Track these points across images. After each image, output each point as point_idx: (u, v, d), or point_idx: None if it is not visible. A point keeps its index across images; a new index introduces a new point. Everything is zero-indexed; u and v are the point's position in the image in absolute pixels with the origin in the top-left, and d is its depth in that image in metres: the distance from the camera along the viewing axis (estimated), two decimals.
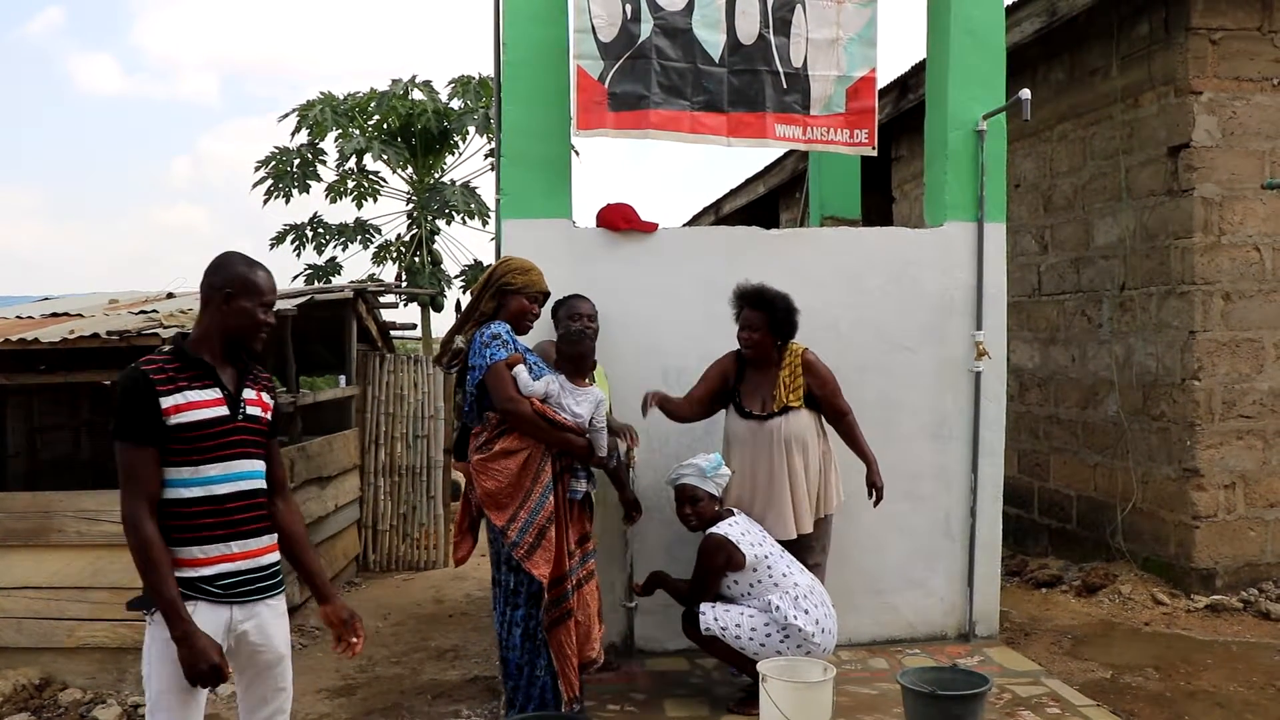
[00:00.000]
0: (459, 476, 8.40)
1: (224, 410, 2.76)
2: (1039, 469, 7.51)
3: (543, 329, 4.53)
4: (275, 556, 2.90)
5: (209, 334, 2.81)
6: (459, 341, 4.02)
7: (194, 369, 2.75)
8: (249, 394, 2.86)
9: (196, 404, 2.70)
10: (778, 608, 4.18)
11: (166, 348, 2.81)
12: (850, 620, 4.92)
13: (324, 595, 3.02)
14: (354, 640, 3.01)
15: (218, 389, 2.77)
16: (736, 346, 4.73)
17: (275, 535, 2.91)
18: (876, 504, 4.66)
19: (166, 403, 2.66)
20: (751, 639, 4.18)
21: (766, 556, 4.28)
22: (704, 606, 4.27)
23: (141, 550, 2.61)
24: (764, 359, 4.63)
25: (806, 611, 4.19)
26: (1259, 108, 6.02)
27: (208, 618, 2.68)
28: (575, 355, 4.09)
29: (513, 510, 3.81)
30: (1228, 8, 5.98)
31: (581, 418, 3.95)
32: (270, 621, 2.86)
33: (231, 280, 2.82)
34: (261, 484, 2.87)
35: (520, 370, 3.84)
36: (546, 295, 4.15)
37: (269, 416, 2.93)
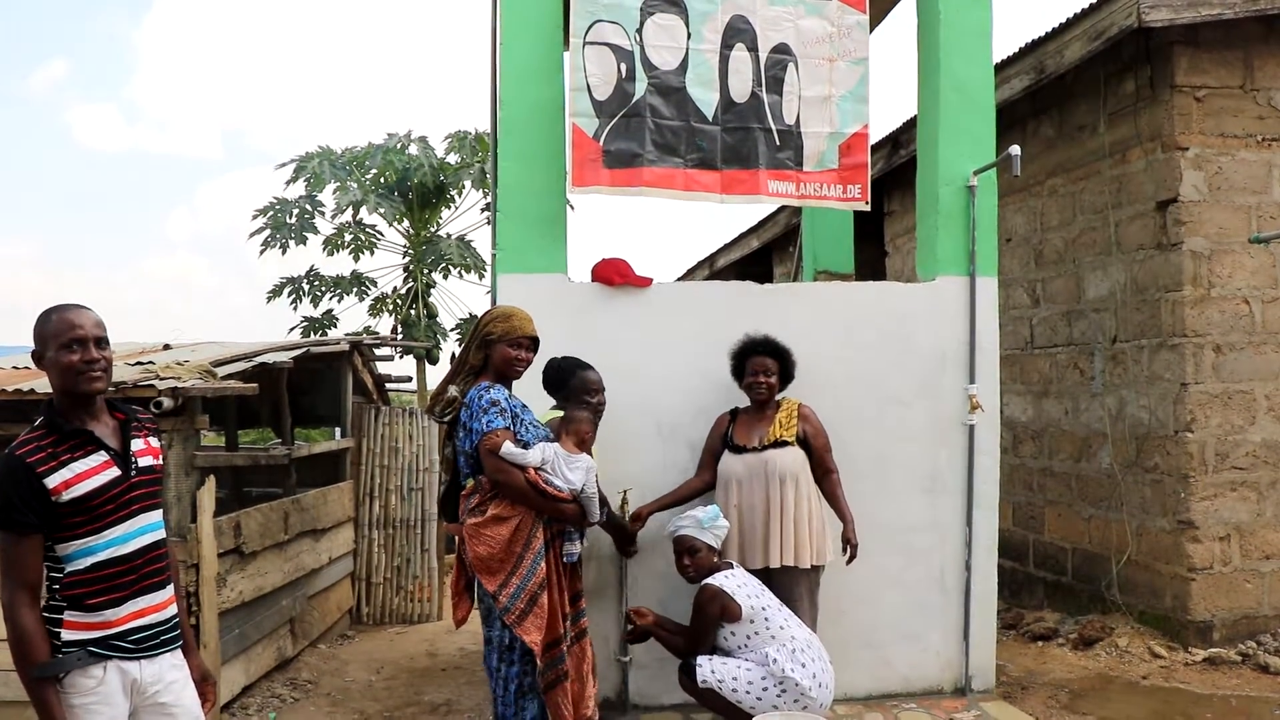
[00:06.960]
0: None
1: (115, 472, 2.67)
2: (1033, 521, 7.50)
3: (534, 382, 4.57)
4: (174, 608, 2.83)
5: (60, 399, 2.68)
6: (453, 391, 4.03)
7: (72, 438, 2.64)
8: (138, 445, 2.77)
9: (84, 474, 2.61)
10: (774, 660, 4.16)
11: (39, 420, 2.65)
12: (845, 675, 4.88)
13: (190, 648, 2.93)
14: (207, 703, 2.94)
15: (103, 452, 2.67)
16: (730, 404, 4.90)
17: (172, 586, 2.84)
18: (850, 561, 4.68)
19: (53, 481, 2.56)
20: (749, 692, 4.16)
21: (764, 609, 4.26)
22: (701, 658, 4.25)
23: (18, 643, 2.53)
24: (766, 404, 4.77)
25: (804, 665, 4.17)
26: (1244, 163, 6.11)
27: (116, 678, 2.63)
28: (585, 436, 4.12)
29: (504, 576, 3.78)
30: (1210, 66, 6.10)
31: (574, 484, 3.93)
32: (179, 680, 2.80)
33: (36, 340, 2.67)
34: (163, 534, 2.82)
35: (508, 445, 3.79)
36: (534, 340, 4.05)
37: (161, 462, 2.86)
